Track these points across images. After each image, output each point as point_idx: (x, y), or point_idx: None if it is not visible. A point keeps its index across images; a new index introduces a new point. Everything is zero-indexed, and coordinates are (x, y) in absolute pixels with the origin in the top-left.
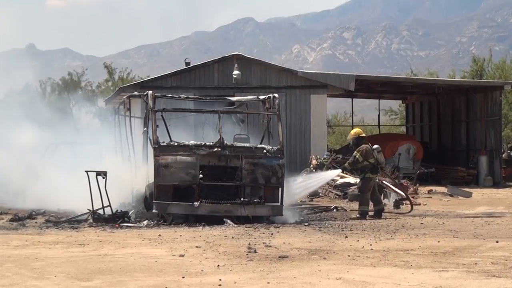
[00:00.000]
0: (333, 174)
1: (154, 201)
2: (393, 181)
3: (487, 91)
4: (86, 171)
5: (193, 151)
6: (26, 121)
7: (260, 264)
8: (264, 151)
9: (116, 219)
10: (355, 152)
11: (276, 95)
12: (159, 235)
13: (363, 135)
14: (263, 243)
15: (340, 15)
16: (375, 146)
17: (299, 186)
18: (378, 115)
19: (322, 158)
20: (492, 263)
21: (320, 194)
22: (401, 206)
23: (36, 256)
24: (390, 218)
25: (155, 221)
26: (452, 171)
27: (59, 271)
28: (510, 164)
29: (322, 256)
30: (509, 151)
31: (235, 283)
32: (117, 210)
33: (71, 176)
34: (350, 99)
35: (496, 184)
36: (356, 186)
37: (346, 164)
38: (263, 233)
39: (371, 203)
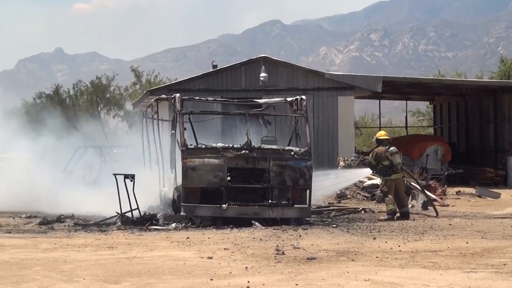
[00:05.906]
0: (365, 172)
1: (182, 203)
2: (416, 182)
3: None
4: (114, 174)
5: (221, 154)
6: (54, 125)
7: (288, 266)
8: (292, 153)
9: (144, 222)
10: (369, 155)
11: (303, 97)
12: (187, 238)
13: (382, 138)
14: (291, 245)
15: (367, 17)
16: (391, 148)
17: (331, 182)
18: (406, 117)
19: (350, 160)
20: None
21: (348, 196)
22: (429, 207)
23: (65, 259)
24: (418, 219)
25: (183, 224)
26: (480, 172)
27: (88, 274)
28: None
29: (350, 258)
30: None
31: (263, 285)
32: (145, 213)
33: (99, 179)
34: (377, 101)
35: None
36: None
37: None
38: (291, 235)
39: None
